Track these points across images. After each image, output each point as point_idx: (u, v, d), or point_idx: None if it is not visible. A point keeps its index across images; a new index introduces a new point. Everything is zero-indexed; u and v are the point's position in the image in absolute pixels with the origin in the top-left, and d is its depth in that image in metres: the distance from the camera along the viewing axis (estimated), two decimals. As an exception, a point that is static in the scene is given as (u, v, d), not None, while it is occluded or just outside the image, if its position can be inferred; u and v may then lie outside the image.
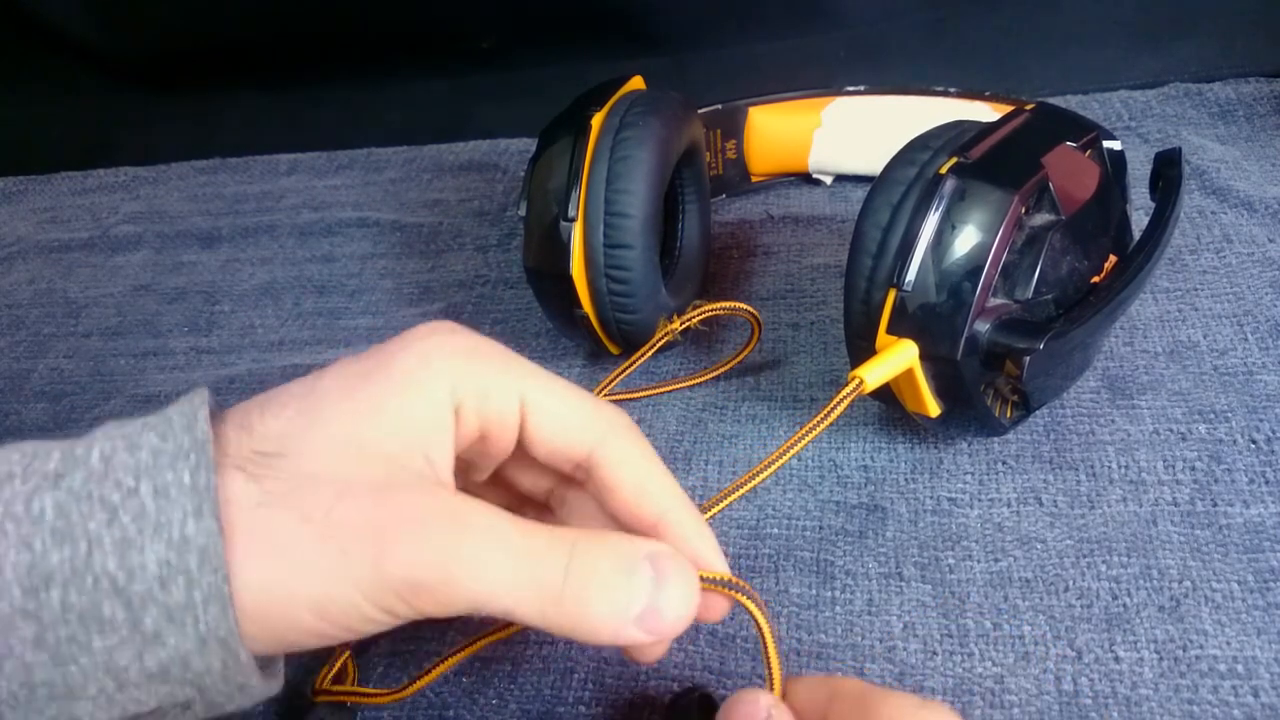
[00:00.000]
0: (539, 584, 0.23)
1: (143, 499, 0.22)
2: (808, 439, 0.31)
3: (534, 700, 0.32)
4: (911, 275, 0.32)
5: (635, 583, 0.24)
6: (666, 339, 0.41)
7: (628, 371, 0.41)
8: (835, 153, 0.54)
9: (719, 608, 0.27)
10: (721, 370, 0.43)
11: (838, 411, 0.32)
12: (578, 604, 0.23)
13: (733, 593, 0.26)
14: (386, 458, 0.24)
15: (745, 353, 0.43)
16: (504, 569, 0.23)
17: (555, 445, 0.27)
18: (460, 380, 0.25)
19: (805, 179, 0.56)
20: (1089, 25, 0.60)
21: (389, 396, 0.24)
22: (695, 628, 0.32)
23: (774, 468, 0.31)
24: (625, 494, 0.27)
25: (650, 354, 0.41)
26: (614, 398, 0.42)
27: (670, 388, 0.43)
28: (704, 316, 0.40)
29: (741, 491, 0.31)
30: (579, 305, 0.41)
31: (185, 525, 0.21)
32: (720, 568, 0.27)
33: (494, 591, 0.23)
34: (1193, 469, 0.36)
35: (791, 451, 0.31)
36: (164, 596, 0.21)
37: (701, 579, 0.26)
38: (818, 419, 0.31)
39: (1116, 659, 0.31)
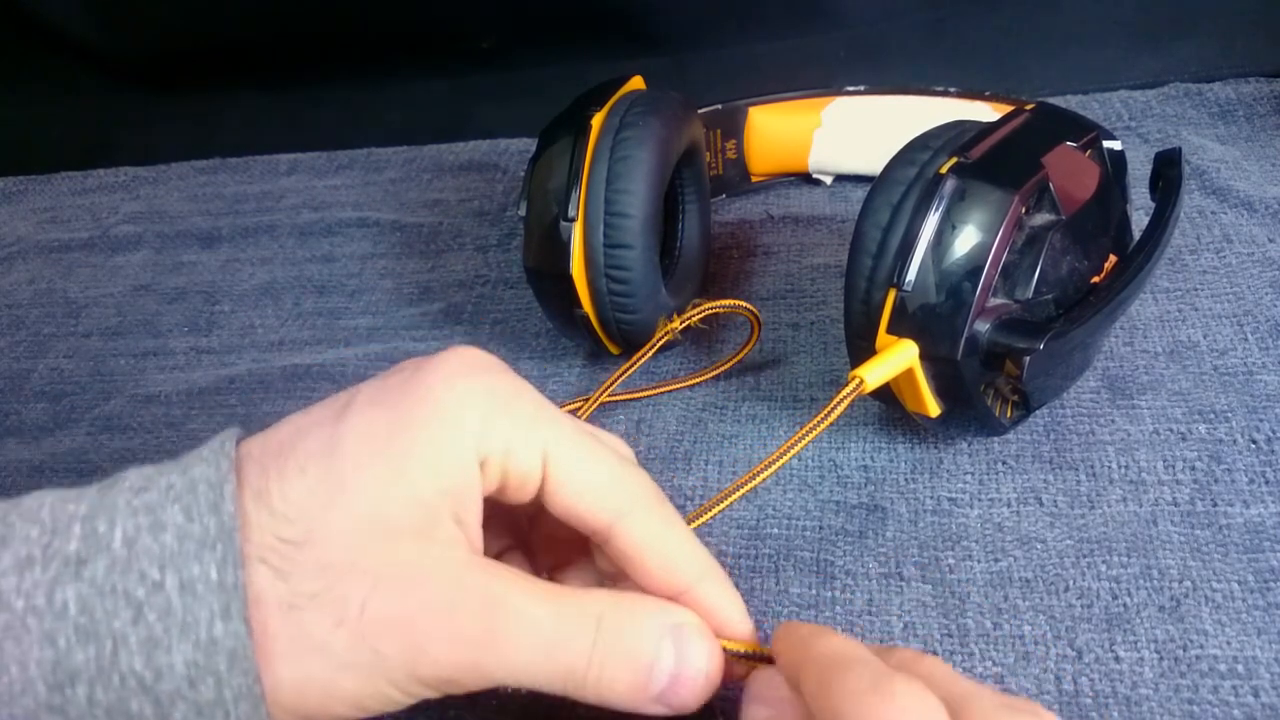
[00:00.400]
0: (565, 670, 0.24)
1: (168, 594, 0.21)
2: (808, 439, 0.31)
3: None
4: (911, 275, 0.32)
5: (658, 665, 0.25)
6: (666, 338, 0.41)
7: (628, 373, 0.41)
8: (835, 153, 0.54)
9: (740, 671, 0.27)
10: (721, 370, 0.43)
11: (838, 411, 0.32)
12: (598, 686, 0.24)
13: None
14: (414, 533, 0.23)
15: (745, 351, 0.43)
16: (533, 660, 0.24)
17: (573, 512, 0.26)
18: (486, 431, 0.24)
19: (805, 179, 0.56)
20: (1089, 25, 0.60)
21: (413, 455, 0.23)
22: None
23: (774, 468, 0.31)
24: (650, 566, 0.26)
25: (650, 354, 0.41)
26: (614, 398, 0.42)
27: (670, 388, 0.43)
28: (704, 314, 0.40)
29: (742, 492, 0.31)
30: (579, 305, 0.41)
31: (213, 626, 0.21)
32: (747, 632, 0.27)
33: (521, 680, 0.24)
34: (1193, 469, 0.36)
35: (791, 451, 0.31)
36: (193, 694, 0.21)
37: (726, 650, 0.26)
38: (818, 419, 0.31)
39: (1117, 659, 0.31)
